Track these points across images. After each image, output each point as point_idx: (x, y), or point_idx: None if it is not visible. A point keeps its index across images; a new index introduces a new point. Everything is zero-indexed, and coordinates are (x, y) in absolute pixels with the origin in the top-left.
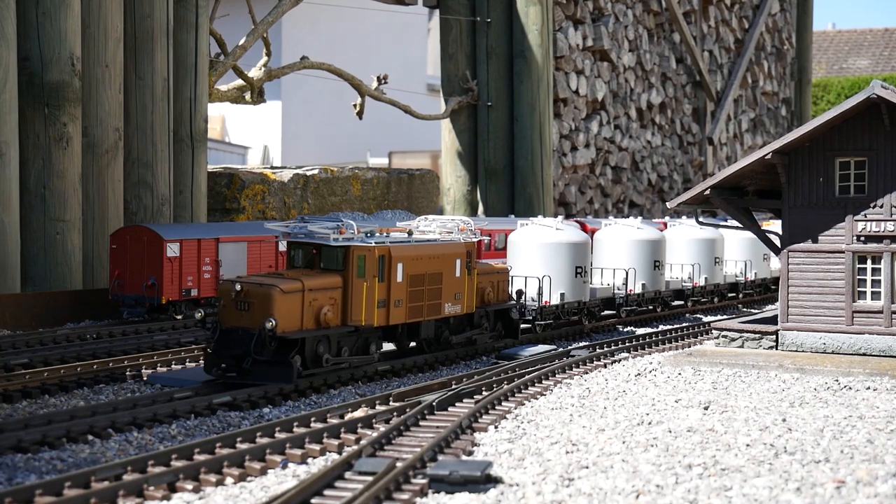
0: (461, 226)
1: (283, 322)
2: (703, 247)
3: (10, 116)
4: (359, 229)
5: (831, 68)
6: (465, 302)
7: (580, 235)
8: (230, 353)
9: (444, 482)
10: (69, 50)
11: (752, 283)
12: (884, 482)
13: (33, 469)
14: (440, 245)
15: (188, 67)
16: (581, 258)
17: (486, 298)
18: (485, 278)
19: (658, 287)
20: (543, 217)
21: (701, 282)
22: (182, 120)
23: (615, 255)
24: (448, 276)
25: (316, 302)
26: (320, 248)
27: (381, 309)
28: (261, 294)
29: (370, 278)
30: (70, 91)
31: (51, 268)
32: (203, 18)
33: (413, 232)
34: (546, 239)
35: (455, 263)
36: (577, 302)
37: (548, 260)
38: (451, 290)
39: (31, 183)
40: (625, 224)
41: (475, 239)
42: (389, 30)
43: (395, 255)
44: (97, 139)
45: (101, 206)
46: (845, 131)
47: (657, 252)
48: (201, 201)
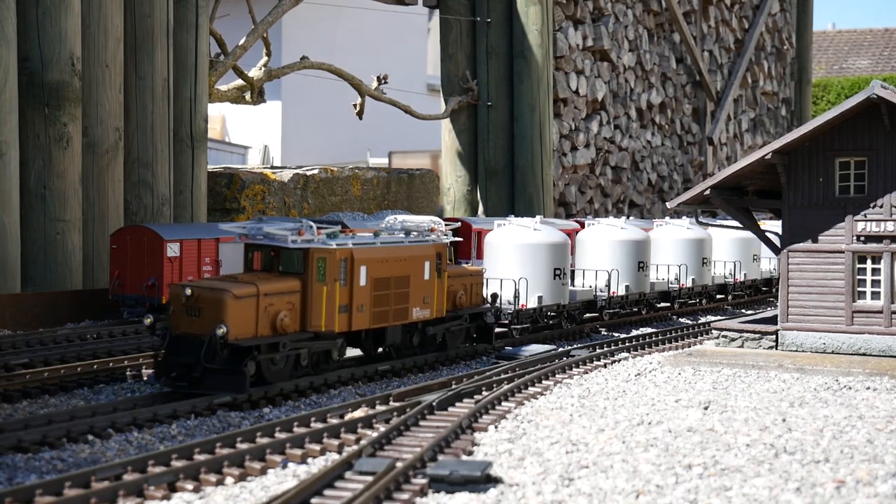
0: (432, 226)
1: (235, 328)
2: (691, 247)
3: (10, 116)
4: (319, 230)
5: (831, 68)
6: (435, 306)
7: (558, 236)
8: (181, 361)
9: (444, 482)
10: (69, 50)
11: (741, 284)
12: (884, 482)
13: (33, 469)
14: (407, 247)
15: (188, 67)
16: (560, 259)
17: (459, 302)
18: (457, 281)
19: (643, 289)
20: (543, 217)
21: (688, 283)
22: (182, 120)
23: (598, 256)
24: (416, 279)
25: (272, 307)
26: (278, 251)
27: (343, 314)
28: (212, 299)
29: (331, 282)
30: (70, 91)
31: (51, 268)
32: (203, 18)
33: (380, 233)
34: (523, 240)
35: (424, 266)
36: (556, 305)
37: (524, 261)
38: (420, 294)
39: (31, 183)
40: (608, 224)
41: (446, 240)
42: (389, 30)
43: (358, 258)
44: (97, 139)
45: (101, 206)
46: (845, 131)
47: (641, 253)
48: (201, 201)
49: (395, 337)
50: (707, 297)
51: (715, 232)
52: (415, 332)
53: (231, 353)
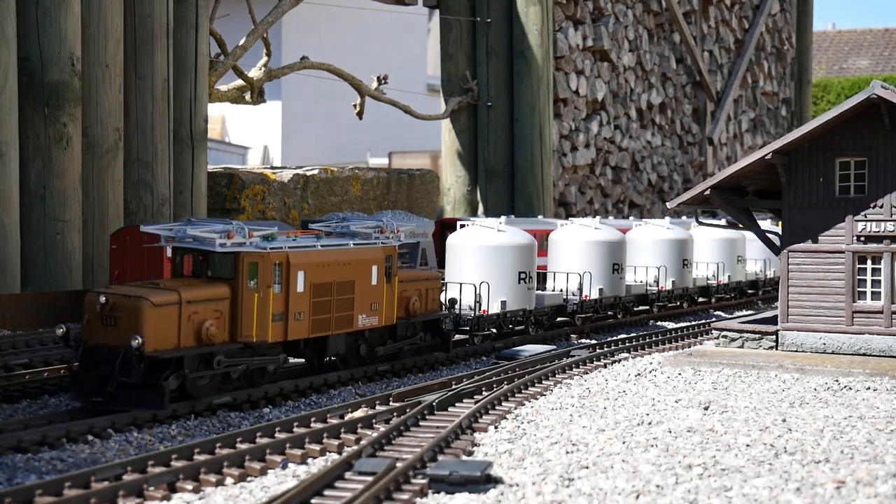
0: (382, 227)
1: (153, 339)
2: (670, 248)
3: (10, 116)
4: (252, 233)
5: (831, 68)
6: (384, 313)
7: (523, 238)
8: (95, 375)
9: (444, 482)
10: (69, 50)
11: (725, 286)
12: (884, 482)
13: (33, 469)
14: (352, 250)
15: (188, 67)
16: (525, 262)
17: (412, 308)
18: (410, 286)
19: (618, 292)
20: (543, 217)
21: (668, 286)
22: (182, 120)
23: (570, 258)
24: (362, 285)
25: (197, 315)
26: (207, 255)
27: (278, 322)
28: (128, 307)
29: (263, 288)
30: (70, 91)
31: (51, 268)
32: (203, 18)
33: (323, 236)
34: (485, 241)
35: (370, 270)
36: (522, 310)
37: (487, 264)
38: (366, 300)
39: (31, 183)
40: (581, 224)
41: (396, 242)
42: (389, 30)
43: (294, 262)
44: (97, 139)
45: (101, 206)
46: (845, 131)
47: (616, 254)
48: (201, 201)
49: (339, 346)
50: (688, 300)
51: (697, 232)
52: (362, 341)
53: (149, 367)
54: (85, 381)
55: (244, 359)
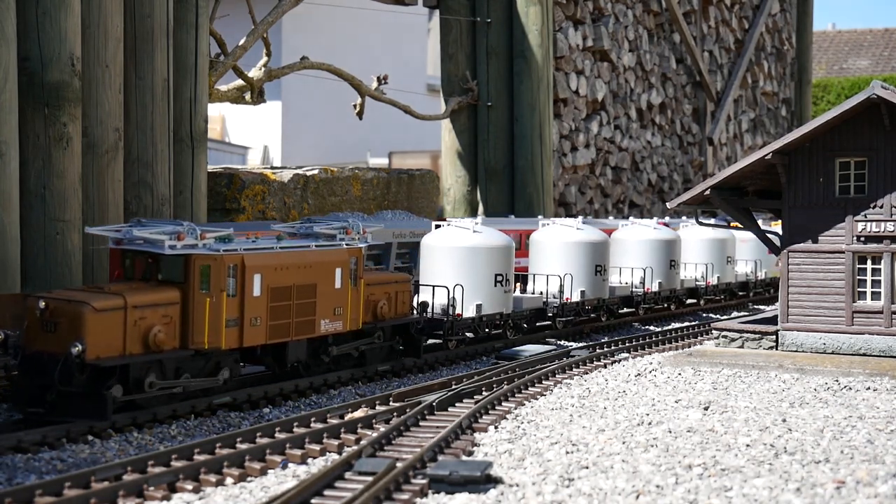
0: (347, 228)
1: (95, 346)
2: (657, 249)
3: (10, 116)
4: (204, 234)
5: (831, 68)
6: (349, 317)
7: (500, 239)
8: (36, 384)
9: (444, 482)
10: (69, 50)
11: (714, 287)
12: (884, 482)
13: (33, 469)
14: (314, 252)
15: (188, 67)
16: (502, 264)
17: (380, 312)
18: (378, 289)
19: (601, 294)
20: (543, 216)
21: (654, 287)
22: (182, 120)
23: (551, 260)
24: (324, 288)
25: (144, 321)
26: (157, 258)
27: (233, 328)
28: (69, 313)
29: (216, 292)
30: (70, 91)
31: (51, 268)
32: (203, 18)
33: (284, 237)
34: (460, 242)
35: (334, 273)
36: (499, 314)
37: (461, 267)
38: (329, 304)
39: (31, 183)
40: (563, 224)
41: (363, 244)
42: (389, 30)
43: (250, 265)
44: (97, 139)
45: (101, 206)
46: (845, 131)
47: (600, 255)
48: (201, 201)
49: (300, 353)
50: (676, 301)
51: (686, 232)
52: (326, 347)
53: (91, 375)
54: (25, 391)
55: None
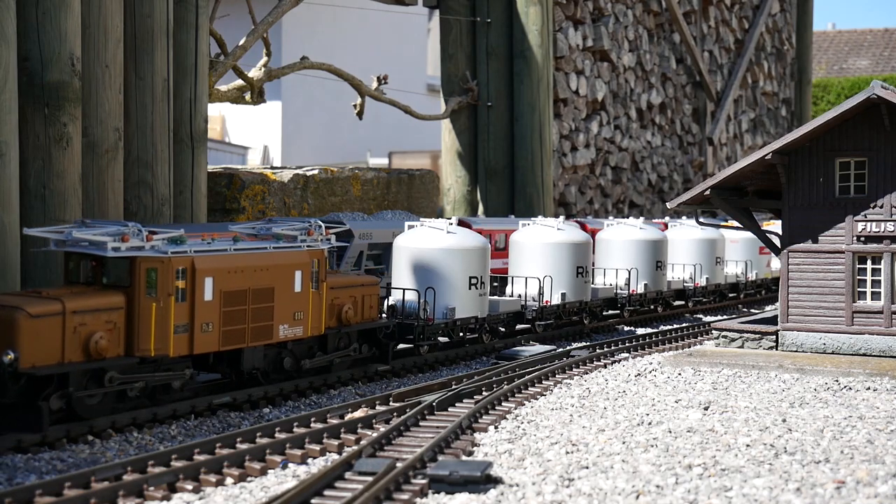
0: (309, 229)
1: (30, 354)
2: (643, 249)
3: (10, 116)
4: (150, 235)
5: (831, 68)
6: (310, 322)
7: (474, 240)
8: None
9: (444, 482)
10: (69, 50)
11: (703, 289)
12: (884, 483)
13: (33, 469)
14: (271, 254)
15: (188, 67)
16: (477, 267)
17: (345, 317)
18: (343, 293)
19: (583, 297)
20: (544, 217)
21: (640, 289)
22: (182, 120)
23: (531, 261)
24: (283, 292)
25: (84, 328)
26: (100, 260)
27: (182, 334)
28: (2, 318)
29: (164, 297)
30: (70, 91)
31: (51, 268)
32: (203, 18)
33: (240, 238)
34: (432, 244)
35: (293, 276)
36: (474, 318)
37: (434, 269)
38: (289, 309)
39: (31, 183)
40: (543, 224)
41: (325, 246)
42: (389, 30)
43: (201, 268)
44: (97, 139)
45: (101, 207)
46: (845, 131)
47: (581, 256)
48: (201, 201)
49: (256, 359)
50: (663, 303)
51: (673, 233)
52: (286, 354)
53: (27, 385)
54: None
55: (142, 375)
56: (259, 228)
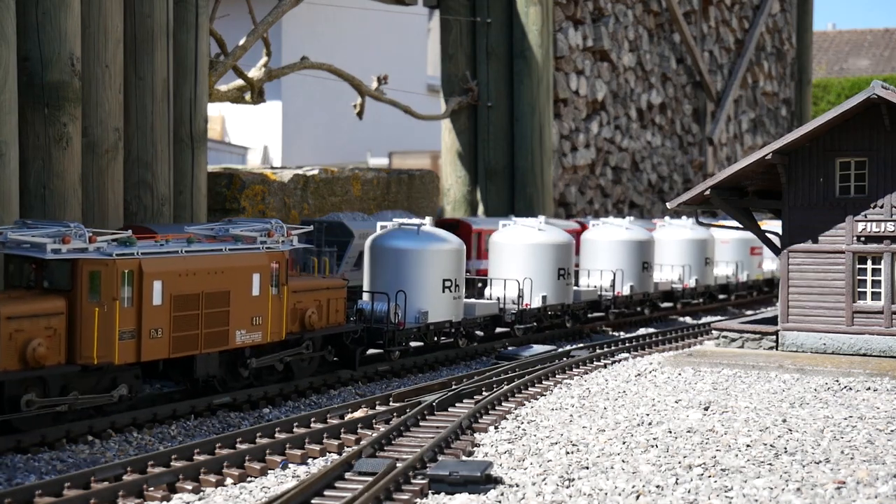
0: (269, 230)
1: None
2: (629, 250)
3: (10, 116)
4: (94, 237)
5: (831, 68)
6: (270, 327)
7: (450, 241)
8: None
9: (445, 483)
10: (69, 50)
11: (692, 290)
12: (884, 483)
13: (33, 469)
14: (227, 256)
15: (188, 67)
16: (451, 269)
17: (309, 321)
18: (306, 296)
19: (565, 299)
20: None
21: (625, 291)
22: (182, 120)
23: (511, 263)
24: (240, 296)
25: (20, 334)
26: (40, 263)
27: (128, 341)
28: None
29: (108, 301)
30: (70, 91)
31: None
32: (203, 18)
33: (195, 240)
34: (403, 245)
35: (251, 279)
36: (448, 322)
37: (406, 271)
38: (246, 314)
39: (31, 183)
40: (524, 225)
41: (287, 248)
42: (389, 30)
43: (149, 271)
44: (97, 139)
45: (101, 207)
46: (845, 131)
47: (563, 258)
48: (201, 201)
49: (211, 366)
50: (650, 305)
51: (662, 233)
52: (243, 360)
53: None
54: None
55: (87, 383)
56: (218, 229)
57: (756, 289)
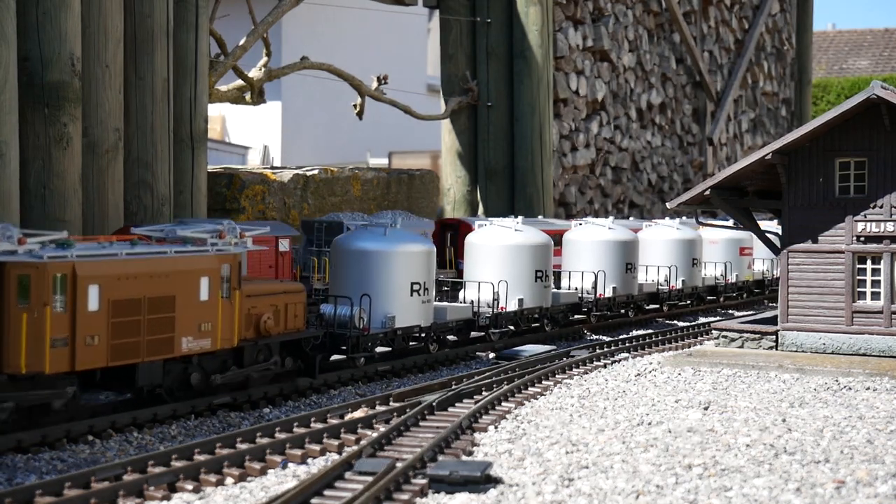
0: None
1: None
2: (612, 251)
3: (10, 116)
4: (24, 238)
5: (831, 68)
6: (220, 334)
7: (419, 243)
8: None
9: (444, 482)
10: (69, 50)
11: (678, 292)
12: (883, 482)
13: (33, 469)
14: (170, 259)
15: (188, 67)
16: (421, 272)
17: (265, 327)
18: (262, 301)
19: (542, 302)
20: (543, 216)
21: (608, 293)
22: (182, 120)
23: (486, 265)
24: (186, 301)
25: None
26: None
27: (61, 349)
28: None
29: (38, 306)
30: (70, 91)
31: None
32: (203, 18)
33: (138, 242)
34: (369, 246)
35: (199, 283)
36: (417, 326)
37: (372, 274)
38: (193, 319)
39: (31, 183)
40: (500, 225)
41: (240, 250)
42: (389, 30)
43: (84, 275)
44: (97, 139)
45: (101, 207)
46: (845, 132)
47: (541, 259)
48: (201, 201)
49: (154, 376)
50: (635, 307)
51: (647, 233)
52: (193, 369)
53: None
54: None
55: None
56: (168, 231)
57: (747, 290)
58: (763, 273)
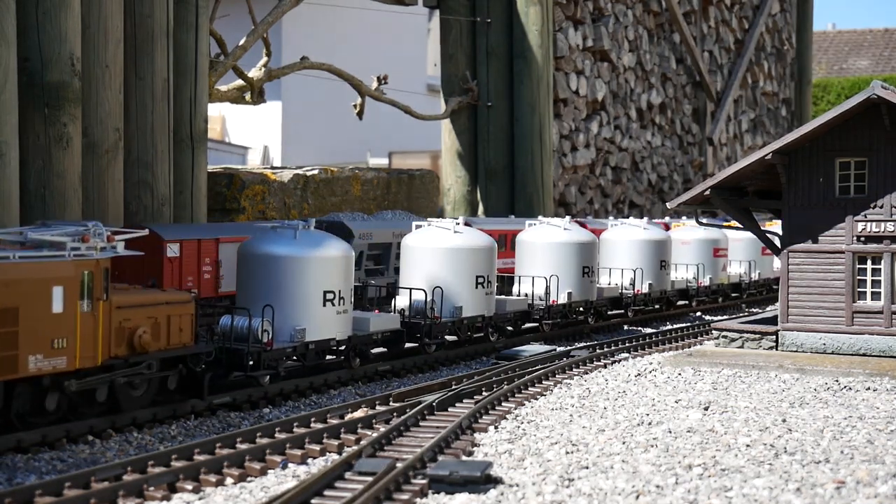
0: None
1: None
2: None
3: (10, 116)
4: None
5: (831, 68)
6: (79, 351)
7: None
8: None
9: (444, 482)
10: (69, 50)
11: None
12: (884, 483)
13: (33, 469)
14: (14, 265)
15: (188, 67)
16: (336, 279)
17: (140, 343)
18: (137, 313)
19: (484, 311)
20: (543, 216)
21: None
22: (182, 120)
23: (421, 269)
24: (33, 313)
25: None
26: None
27: None
28: None
29: None
30: (70, 91)
31: None
32: (203, 18)
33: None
34: (276, 251)
35: (50, 293)
36: (333, 340)
37: (277, 282)
38: (44, 335)
39: (31, 183)
40: (438, 226)
41: (106, 255)
42: (389, 30)
43: None
44: (97, 139)
45: (101, 207)
46: (845, 132)
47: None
48: (201, 201)
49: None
50: (595, 314)
51: (611, 234)
52: (46, 391)
53: None
54: None
55: None
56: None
57: (723, 294)
58: (740, 276)
